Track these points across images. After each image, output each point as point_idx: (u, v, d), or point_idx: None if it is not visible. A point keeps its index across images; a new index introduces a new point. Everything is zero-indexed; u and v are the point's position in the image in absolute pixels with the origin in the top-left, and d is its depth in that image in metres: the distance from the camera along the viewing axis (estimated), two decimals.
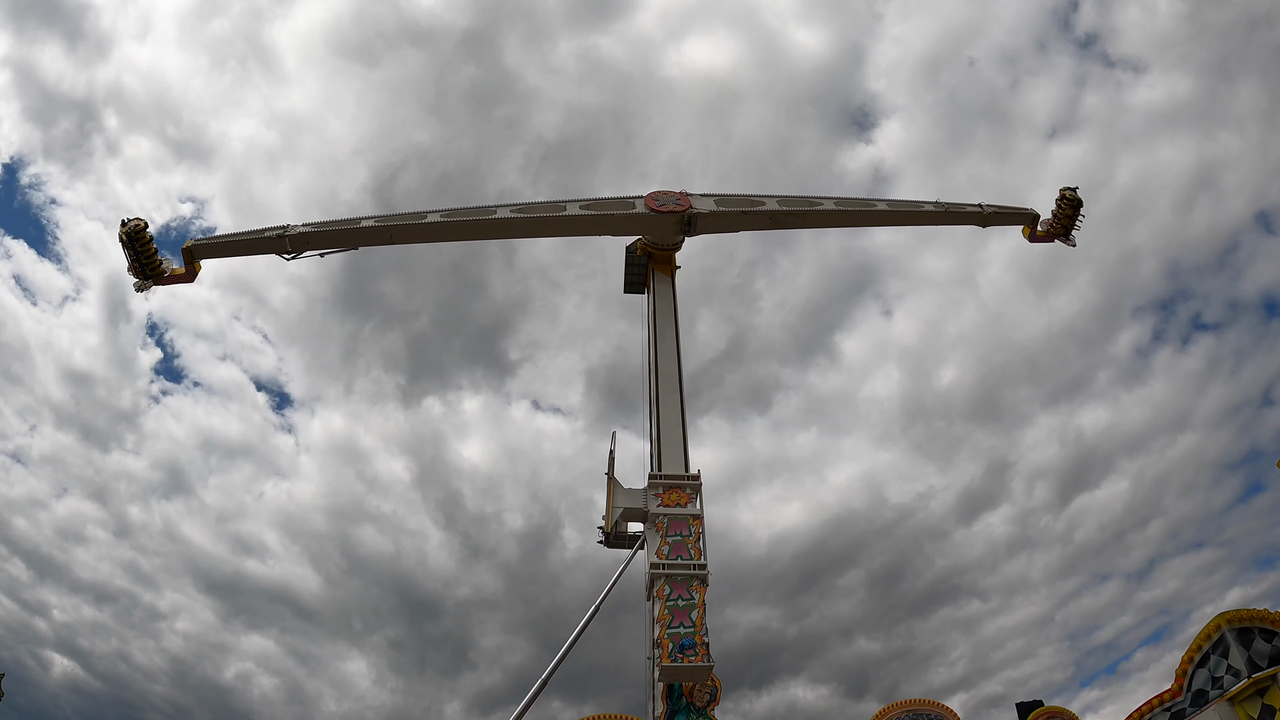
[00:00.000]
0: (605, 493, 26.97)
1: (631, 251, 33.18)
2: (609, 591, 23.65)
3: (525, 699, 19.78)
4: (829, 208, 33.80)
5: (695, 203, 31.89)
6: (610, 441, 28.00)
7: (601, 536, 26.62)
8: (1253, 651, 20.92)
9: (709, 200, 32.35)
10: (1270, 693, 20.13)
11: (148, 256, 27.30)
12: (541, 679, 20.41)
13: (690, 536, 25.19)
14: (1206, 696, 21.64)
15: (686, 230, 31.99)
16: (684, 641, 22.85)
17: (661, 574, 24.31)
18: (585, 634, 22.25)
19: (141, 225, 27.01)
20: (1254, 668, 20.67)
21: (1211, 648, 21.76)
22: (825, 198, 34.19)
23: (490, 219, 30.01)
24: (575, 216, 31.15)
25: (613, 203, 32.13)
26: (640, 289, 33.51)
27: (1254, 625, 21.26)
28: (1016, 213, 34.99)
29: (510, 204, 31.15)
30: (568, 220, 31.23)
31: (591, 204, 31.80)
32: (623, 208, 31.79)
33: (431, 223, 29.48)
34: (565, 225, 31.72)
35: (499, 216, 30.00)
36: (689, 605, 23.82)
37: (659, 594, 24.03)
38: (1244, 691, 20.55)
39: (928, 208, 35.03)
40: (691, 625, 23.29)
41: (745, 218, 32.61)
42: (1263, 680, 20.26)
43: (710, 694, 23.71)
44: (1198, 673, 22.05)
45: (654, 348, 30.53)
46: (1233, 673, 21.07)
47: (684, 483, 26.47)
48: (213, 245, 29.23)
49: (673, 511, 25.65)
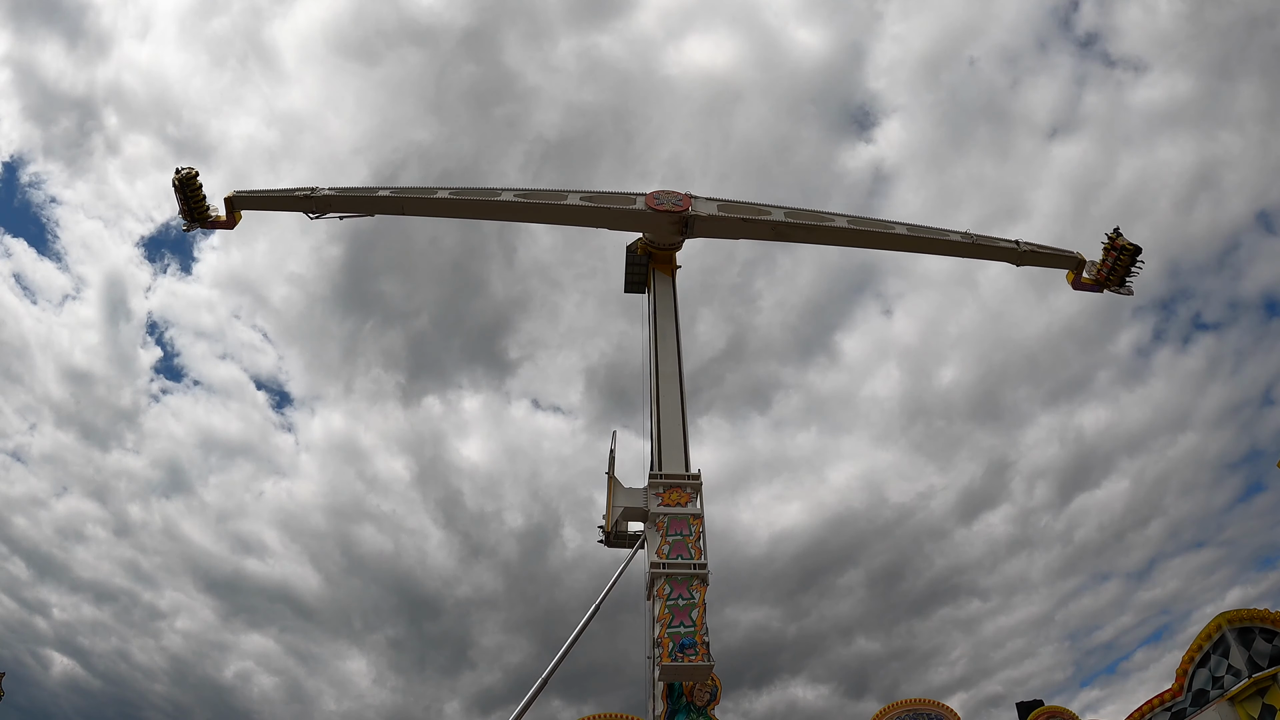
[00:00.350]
0: (605, 492, 26.98)
1: (632, 251, 33.20)
2: (609, 591, 23.63)
3: (525, 698, 19.74)
4: (840, 224, 32.61)
5: (698, 205, 31.86)
6: (611, 441, 28.04)
7: (602, 536, 26.63)
8: (1253, 651, 20.92)
9: (712, 204, 32.27)
10: (1271, 692, 20.13)
11: (197, 201, 30.98)
12: (542, 678, 20.38)
13: (690, 536, 25.19)
14: (1207, 696, 21.64)
15: (684, 231, 32.03)
16: (684, 641, 22.85)
17: (662, 573, 24.31)
18: (585, 633, 22.23)
19: (193, 173, 30.81)
20: (1254, 667, 20.67)
21: (1212, 647, 21.76)
22: (836, 214, 33.18)
23: (494, 200, 31.79)
24: (573, 206, 31.90)
25: (613, 196, 32.45)
26: (641, 289, 33.52)
27: (1254, 625, 21.25)
28: (1059, 255, 32.63)
29: (514, 189, 32.49)
30: (566, 209, 32.03)
31: (592, 196, 32.19)
32: (623, 202, 32.08)
33: (440, 198, 31.71)
34: (564, 214, 32.50)
35: (502, 200, 31.71)
36: (689, 604, 23.82)
37: (659, 593, 24.03)
38: (1244, 691, 20.54)
39: (954, 237, 33.03)
40: (692, 625, 23.29)
41: (746, 226, 32.37)
42: (1263, 680, 20.26)
43: (710, 693, 23.68)
44: (1198, 672, 22.05)
45: (654, 347, 30.53)
46: (1233, 672, 21.07)
47: (684, 482, 26.48)
48: (250, 198, 32.02)
49: (673, 511, 25.65)
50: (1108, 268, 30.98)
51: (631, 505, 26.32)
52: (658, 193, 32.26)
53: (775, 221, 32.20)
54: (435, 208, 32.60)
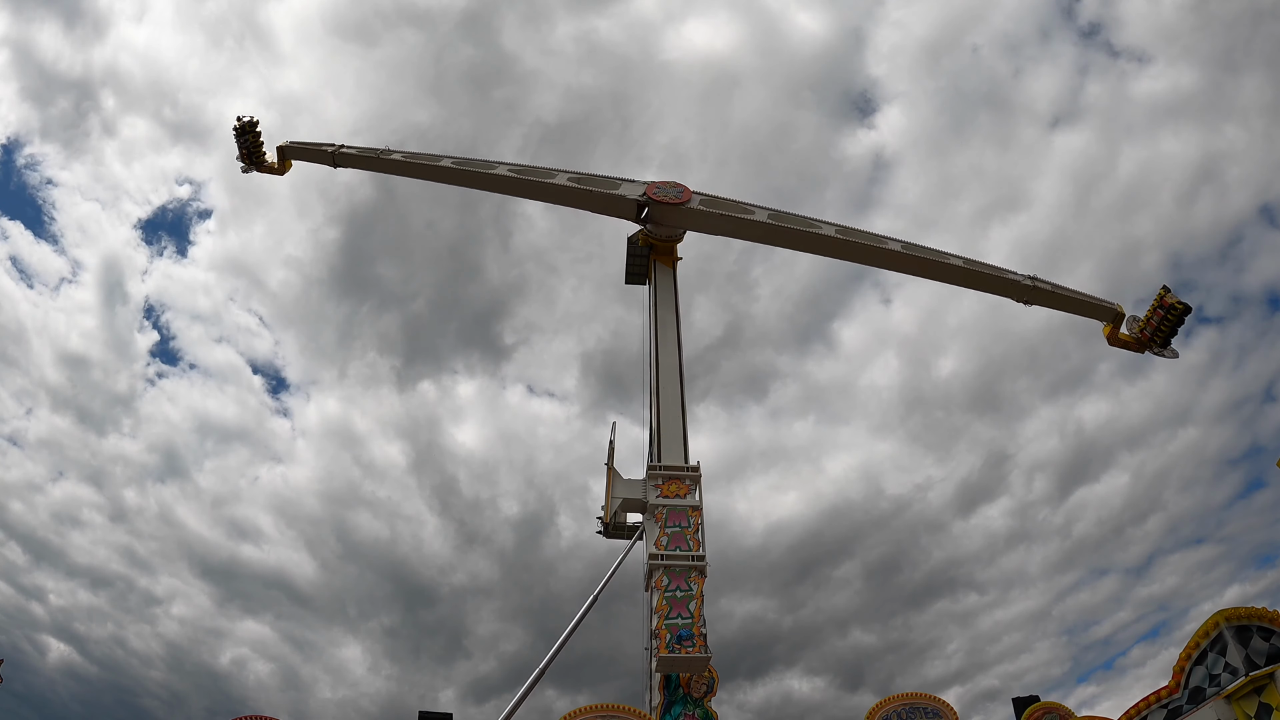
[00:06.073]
0: (603, 481, 26.94)
1: (633, 242, 33.09)
2: (607, 581, 23.59)
3: (522, 689, 19.72)
4: (827, 233, 31.49)
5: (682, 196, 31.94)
6: (610, 432, 28.00)
7: (601, 527, 26.60)
8: (1250, 650, 20.89)
9: (696, 198, 32.28)
10: (1267, 691, 20.13)
11: (255, 147, 35.42)
12: (539, 669, 20.35)
13: (689, 528, 25.18)
14: (1204, 694, 21.63)
15: (643, 220, 32.13)
16: (682, 632, 22.86)
17: (660, 565, 24.30)
18: (580, 623, 22.20)
19: (254, 121, 35.27)
20: (1252, 666, 20.64)
21: (1209, 645, 21.71)
22: (823, 222, 32.16)
23: (489, 173, 33.93)
24: (559, 186, 33.06)
25: (598, 180, 33.24)
26: (641, 279, 33.39)
27: (1252, 623, 21.21)
28: (1093, 305, 29.63)
29: (509, 164, 34.50)
30: (552, 188, 33.31)
31: (579, 178, 33.20)
32: (606, 186, 32.83)
33: (443, 166, 34.43)
34: (546, 191, 33.85)
35: (497, 173, 33.80)
36: (687, 596, 23.83)
37: (657, 585, 24.02)
38: (1241, 689, 20.54)
39: (954, 261, 30.89)
40: (689, 616, 23.29)
41: (725, 222, 31.97)
42: (1260, 679, 20.26)
43: (708, 685, 23.67)
44: (1195, 670, 22.02)
45: (654, 339, 30.46)
46: (1230, 671, 21.04)
47: (684, 474, 26.46)
48: (296, 149, 36.58)
49: (672, 502, 25.63)
50: (1153, 326, 28.26)
51: (630, 496, 26.32)
52: (658, 184, 32.30)
53: (759, 222, 31.84)
54: (437, 174, 35.21)
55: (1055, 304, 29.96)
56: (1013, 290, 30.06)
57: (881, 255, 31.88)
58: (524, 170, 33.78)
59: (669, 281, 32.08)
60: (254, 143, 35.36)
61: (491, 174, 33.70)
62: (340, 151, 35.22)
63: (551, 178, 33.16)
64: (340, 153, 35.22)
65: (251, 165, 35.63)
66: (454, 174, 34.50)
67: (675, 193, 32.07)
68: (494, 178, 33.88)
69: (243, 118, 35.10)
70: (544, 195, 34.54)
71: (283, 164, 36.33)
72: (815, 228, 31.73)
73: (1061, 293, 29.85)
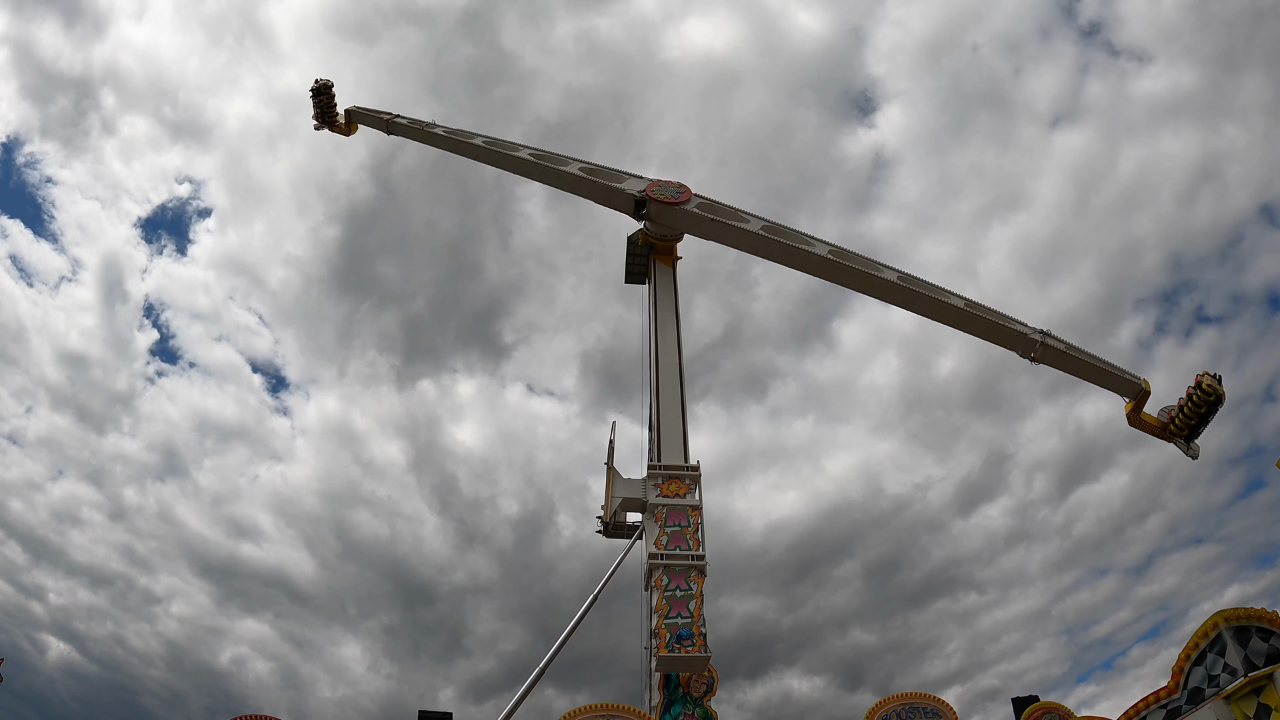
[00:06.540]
0: (603, 480, 26.97)
1: (633, 242, 33.10)
2: (607, 581, 23.64)
3: (521, 689, 19.78)
4: (820, 252, 30.27)
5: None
6: (610, 431, 28.03)
7: (600, 526, 26.62)
8: (1250, 650, 20.90)
9: (695, 200, 32.21)
10: (1266, 692, 20.14)
11: (329, 107, 39.06)
12: (539, 668, 20.41)
13: (689, 527, 25.20)
14: (1203, 694, 21.64)
15: (642, 216, 32.37)
16: (682, 632, 22.88)
17: (660, 564, 24.31)
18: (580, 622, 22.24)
19: (329, 84, 38.94)
20: (1251, 666, 20.65)
21: (1209, 646, 21.71)
22: (817, 240, 31.02)
23: (512, 154, 35.75)
24: (568, 173, 34.31)
25: (608, 172, 33.83)
26: (641, 279, 33.41)
27: (1252, 624, 21.22)
28: (1110, 375, 26.85)
29: (530, 148, 36.10)
30: (563, 175, 34.45)
31: (591, 169, 34.09)
32: (613, 179, 33.34)
33: (476, 144, 36.48)
34: (556, 177, 34.91)
35: (519, 155, 35.56)
36: (687, 595, 23.84)
37: (657, 584, 24.03)
38: (1240, 690, 20.56)
39: (954, 301, 28.57)
40: (689, 615, 23.31)
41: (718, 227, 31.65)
42: (1259, 679, 20.27)
43: (708, 684, 23.69)
44: (1194, 670, 22.02)
45: (654, 339, 30.46)
46: (1229, 671, 21.05)
47: (684, 473, 26.47)
48: (361, 114, 39.66)
49: (672, 502, 25.64)
50: (1185, 413, 25.77)
51: (630, 496, 26.33)
52: (659, 183, 32.31)
53: (750, 232, 31.40)
54: (468, 151, 37.12)
55: (1068, 367, 27.13)
56: (1019, 344, 27.48)
57: (874, 284, 29.73)
58: (542, 156, 35.33)
59: (669, 281, 32.10)
60: (328, 103, 38.76)
61: (514, 155, 35.59)
62: (394, 120, 38.13)
63: (565, 165, 34.40)
64: (394, 121, 38.13)
65: (324, 124, 39.07)
66: (483, 152, 36.49)
67: (674, 192, 32.09)
68: (515, 159, 35.71)
69: (319, 80, 38.76)
70: (554, 180, 35.45)
71: (349, 126, 39.48)
72: (809, 245, 30.50)
73: (1076, 355, 27.03)
